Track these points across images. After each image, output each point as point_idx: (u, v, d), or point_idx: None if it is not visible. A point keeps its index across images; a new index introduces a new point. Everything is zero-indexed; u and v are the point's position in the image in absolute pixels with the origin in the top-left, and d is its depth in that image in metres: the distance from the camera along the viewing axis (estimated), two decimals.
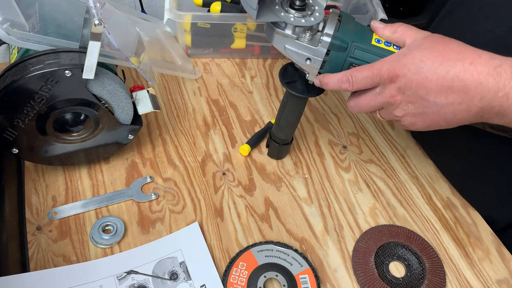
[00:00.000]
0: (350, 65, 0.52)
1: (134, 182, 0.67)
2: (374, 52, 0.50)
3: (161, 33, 0.86)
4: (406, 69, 0.47)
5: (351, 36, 0.51)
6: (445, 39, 0.47)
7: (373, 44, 0.51)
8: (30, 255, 0.58)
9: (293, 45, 0.53)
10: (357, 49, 0.51)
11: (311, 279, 0.58)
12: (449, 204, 0.69)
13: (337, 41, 0.51)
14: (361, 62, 0.51)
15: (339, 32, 0.51)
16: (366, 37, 0.51)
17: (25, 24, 0.56)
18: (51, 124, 0.59)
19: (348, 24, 0.52)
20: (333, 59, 0.52)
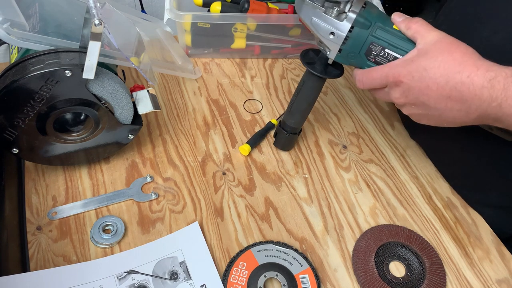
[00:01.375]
0: (371, 44, 0.54)
1: (134, 182, 0.67)
2: (394, 34, 0.54)
3: (161, 33, 0.86)
4: (410, 76, 0.51)
5: (374, 17, 0.54)
6: (452, 46, 0.49)
7: (394, 28, 0.54)
8: (30, 255, 0.58)
9: (320, 18, 0.55)
10: (379, 29, 0.54)
11: (311, 279, 0.58)
12: (449, 204, 0.69)
13: (362, 18, 0.54)
14: (381, 42, 0.54)
15: (364, 12, 0.54)
16: (388, 21, 0.55)
17: (25, 24, 0.56)
18: (51, 124, 0.59)
19: (372, 8, 0.55)
20: (356, 35, 0.55)
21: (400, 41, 0.54)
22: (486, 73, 0.47)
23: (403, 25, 0.53)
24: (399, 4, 1.52)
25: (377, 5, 0.82)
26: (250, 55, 0.90)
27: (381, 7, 0.82)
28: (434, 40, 0.50)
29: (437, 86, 0.49)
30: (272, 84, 0.85)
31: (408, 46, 0.53)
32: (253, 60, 0.90)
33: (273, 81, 0.86)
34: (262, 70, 0.88)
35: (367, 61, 0.56)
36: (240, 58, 0.90)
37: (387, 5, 1.51)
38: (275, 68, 0.89)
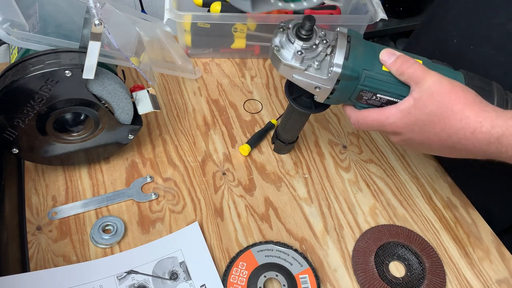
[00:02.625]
0: (361, 92, 0.51)
1: (134, 182, 0.67)
2: (385, 79, 0.49)
3: (161, 33, 0.86)
4: (409, 128, 0.49)
5: (361, 64, 0.49)
6: (452, 97, 0.46)
7: (384, 71, 0.49)
8: (30, 255, 0.58)
9: (302, 75, 0.51)
10: (368, 77, 0.49)
11: (311, 279, 0.58)
12: (449, 204, 0.69)
13: (348, 71, 0.49)
14: (371, 89, 0.50)
15: (349, 61, 0.49)
16: (376, 63, 0.50)
17: (25, 24, 0.56)
18: (51, 124, 0.59)
19: (357, 47, 0.50)
20: (343, 87, 0.51)
21: (393, 86, 0.50)
22: (492, 129, 0.44)
23: (394, 69, 0.49)
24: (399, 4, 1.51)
25: (377, 5, 0.82)
26: (250, 55, 0.90)
27: (381, 7, 0.82)
28: (431, 90, 0.47)
29: (438, 139, 0.48)
30: (272, 84, 0.85)
31: (402, 90, 0.49)
32: (253, 60, 0.90)
33: (273, 81, 0.86)
34: (262, 70, 0.88)
35: (359, 103, 0.53)
36: (240, 58, 0.90)
37: (387, 5, 1.50)
38: (275, 68, 0.89)
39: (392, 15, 1.48)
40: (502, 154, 0.45)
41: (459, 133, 0.46)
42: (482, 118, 0.45)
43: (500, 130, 0.44)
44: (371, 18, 0.81)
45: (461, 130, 0.46)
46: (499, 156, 0.46)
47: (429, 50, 0.72)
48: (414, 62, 0.48)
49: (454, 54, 0.67)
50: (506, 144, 0.44)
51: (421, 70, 0.47)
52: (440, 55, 0.69)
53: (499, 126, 0.44)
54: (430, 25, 0.74)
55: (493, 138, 0.44)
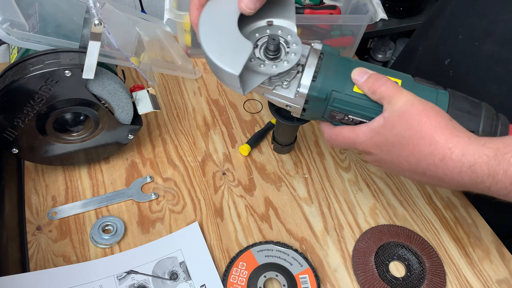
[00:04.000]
0: (331, 112, 0.49)
1: (134, 182, 0.67)
2: (355, 104, 0.48)
3: (161, 33, 0.85)
4: (379, 149, 0.47)
5: (330, 85, 0.48)
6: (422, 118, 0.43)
7: (355, 92, 0.48)
8: (30, 255, 0.58)
9: (271, 94, 0.50)
10: (337, 99, 0.48)
11: (311, 279, 0.58)
12: (449, 204, 0.69)
13: (315, 92, 0.48)
14: (342, 109, 0.49)
15: (316, 82, 0.48)
16: (347, 83, 0.48)
17: (25, 24, 0.56)
18: (51, 124, 0.59)
19: (329, 67, 0.48)
20: (313, 107, 0.50)
21: (365, 108, 0.48)
22: (463, 157, 0.41)
23: (366, 88, 0.46)
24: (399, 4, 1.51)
25: (377, 5, 0.82)
26: None
27: (381, 7, 0.82)
28: (401, 110, 0.44)
29: (408, 163, 0.45)
30: None
31: (374, 112, 0.48)
32: None
33: None
34: None
35: (333, 121, 0.51)
36: None
37: (387, 5, 1.50)
38: None
39: (392, 15, 1.48)
40: (478, 184, 0.41)
41: (428, 158, 0.43)
42: (453, 144, 0.42)
43: (472, 158, 0.41)
44: (371, 18, 0.81)
45: (430, 155, 0.43)
46: (476, 187, 0.42)
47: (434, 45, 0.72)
48: (387, 80, 0.46)
49: (459, 51, 0.67)
50: (480, 174, 0.41)
51: (393, 88, 0.45)
52: (445, 51, 0.69)
53: (471, 153, 0.41)
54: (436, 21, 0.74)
55: (465, 167, 0.41)
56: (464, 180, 0.42)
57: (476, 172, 0.41)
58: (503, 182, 0.40)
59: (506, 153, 0.39)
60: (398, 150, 0.45)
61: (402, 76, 0.49)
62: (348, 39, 0.89)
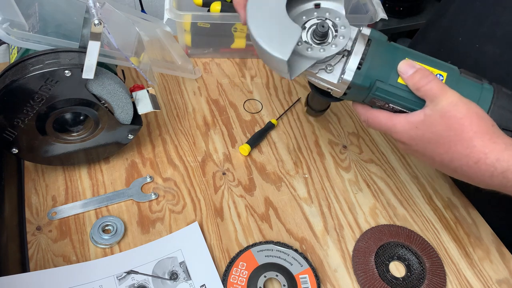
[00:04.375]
0: (373, 99, 0.49)
1: (134, 182, 0.67)
2: (399, 91, 0.48)
3: (161, 33, 0.85)
4: (414, 142, 0.48)
5: (375, 74, 0.47)
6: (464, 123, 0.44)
7: (399, 83, 0.47)
8: (30, 255, 0.58)
9: (313, 77, 0.50)
10: (380, 88, 0.48)
11: (311, 279, 0.58)
12: (449, 204, 0.69)
13: (358, 80, 0.47)
14: (384, 98, 0.49)
15: (362, 70, 0.47)
16: (392, 73, 0.47)
17: (25, 24, 0.56)
18: (51, 124, 0.59)
19: (375, 54, 0.47)
20: (354, 93, 0.49)
21: (407, 100, 0.48)
22: (496, 162, 0.43)
23: (411, 83, 0.46)
24: (399, 4, 1.51)
25: (377, 5, 0.82)
26: (250, 55, 0.90)
27: (381, 7, 0.82)
28: (444, 110, 0.45)
29: (441, 160, 0.46)
30: (272, 84, 0.85)
31: (416, 105, 0.48)
32: (253, 60, 0.90)
33: (273, 81, 0.86)
34: (262, 70, 0.88)
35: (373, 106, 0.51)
36: (240, 58, 0.90)
37: (387, 5, 1.50)
38: None
39: (392, 15, 1.48)
40: (507, 188, 0.44)
41: (463, 160, 0.44)
42: (489, 150, 0.43)
43: (506, 164, 0.42)
44: (371, 18, 0.81)
45: (465, 157, 0.44)
46: (504, 189, 0.44)
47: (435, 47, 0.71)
48: (433, 78, 0.46)
49: (459, 53, 0.67)
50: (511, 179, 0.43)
51: (438, 88, 0.45)
52: (445, 53, 0.69)
53: (505, 160, 0.42)
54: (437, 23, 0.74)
55: (497, 172, 0.43)
56: (494, 183, 0.44)
57: (508, 177, 0.43)
58: None
59: None
60: (434, 146, 0.46)
61: (448, 69, 0.48)
62: None
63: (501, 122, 0.45)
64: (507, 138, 0.44)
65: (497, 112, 0.46)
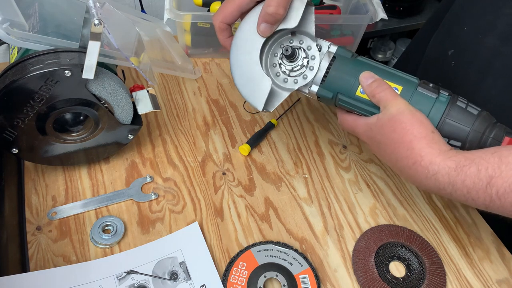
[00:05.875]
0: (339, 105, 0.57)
1: (134, 182, 0.67)
2: (356, 106, 0.55)
3: (161, 33, 0.85)
4: (371, 141, 0.54)
5: (336, 88, 0.55)
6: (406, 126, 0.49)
7: (357, 95, 0.54)
8: (30, 255, 0.58)
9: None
10: (341, 99, 0.55)
11: (311, 279, 0.58)
12: (449, 204, 0.69)
13: (322, 92, 0.55)
14: (347, 106, 0.56)
15: (324, 85, 0.55)
16: (352, 87, 0.54)
17: (25, 24, 0.56)
18: (51, 124, 0.59)
19: (337, 70, 0.55)
20: (323, 100, 0.57)
21: (365, 107, 0.54)
22: (429, 165, 0.47)
23: (369, 90, 0.53)
24: (399, 4, 1.51)
25: (377, 5, 0.82)
26: None
27: (381, 7, 0.82)
28: (391, 115, 0.50)
29: (390, 159, 0.52)
30: None
31: (373, 110, 0.54)
32: None
33: None
34: None
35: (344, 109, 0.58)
36: None
37: (387, 5, 1.50)
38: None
39: (392, 15, 1.48)
40: (441, 190, 0.48)
41: (404, 160, 0.49)
42: (424, 153, 0.47)
43: (437, 167, 0.47)
44: (371, 18, 0.81)
45: (405, 158, 0.49)
46: (439, 192, 0.48)
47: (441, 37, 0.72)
48: (387, 87, 0.52)
49: (462, 42, 0.68)
50: (442, 182, 0.47)
51: (391, 95, 0.51)
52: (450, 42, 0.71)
53: (436, 163, 0.47)
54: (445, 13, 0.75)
55: (430, 174, 0.47)
56: (430, 185, 0.48)
57: (439, 180, 0.47)
58: (461, 190, 0.46)
59: (464, 165, 0.45)
60: (384, 147, 0.52)
61: (406, 82, 0.54)
62: (348, 39, 0.89)
63: (450, 133, 0.51)
64: (443, 145, 0.48)
65: (447, 123, 0.51)
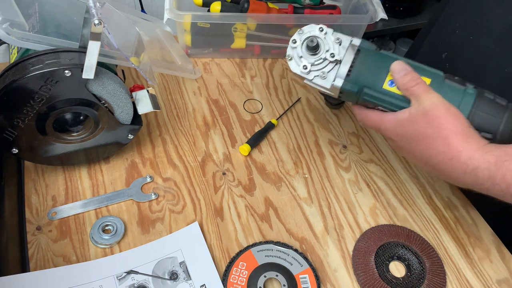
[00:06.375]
0: (363, 101, 0.54)
1: (134, 182, 0.67)
2: (382, 100, 0.52)
3: (161, 33, 0.85)
4: (399, 138, 0.52)
5: (363, 81, 0.52)
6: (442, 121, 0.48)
7: (384, 89, 0.52)
8: (30, 255, 0.58)
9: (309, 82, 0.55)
10: (367, 93, 0.52)
11: (311, 279, 0.58)
12: (449, 204, 0.69)
13: (347, 87, 0.53)
14: (373, 101, 0.53)
15: (350, 77, 0.53)
16: (378, 80, 0.52)
17: (25, 24, 0.56)
18: (51, 124, 0.59)
19: (364, 63, 0.53)
20: (346, 97, 0.55)
21: (393, 100, 0.52)
22: (468, 161, 0.46)
23: (402, 83, 0.51)
24: (399, 4, 1.51)
25: (377, 5, 0.82)
26: (250, 55, 0.90)
27: (381, 6, 0.82)
28: (426, 109, 0.49)
29: (422, 156, 0.50)
30: (272, 84, 0.85)
31: (402, 104, 0.52)
32: (253, 60, 0.90)
33: (273, 81, 0.86)
34: (262, 70, 0.88)
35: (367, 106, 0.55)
36: (240, 58, 0.90)
37: (387, 5, 1.50)
38: (275, 68, 0.89)
39: (392, 15, 1.48)
40: (479, 185, 0.47)
41: (439, 156, 0.48)
42: (463, 148, 0.46)
43: (476, 162, 0.46)
44: (371, 18, 0.81)
45: (441, 154, 0.48)
46: (476, 187, 0.47)
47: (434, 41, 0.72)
48: (421, 81, 0.50)
49: (455, 45, 0.68)
50: (481, 177, 0.46)
51: (424, 89, 0.49)
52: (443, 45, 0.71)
53: (475, 158, 0.46)
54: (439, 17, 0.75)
55: (469, 169, 0.46)
56: (467, 180, 0.47)
57: (478, 175, 0.46)
58: (499, 185, 0.45)
59: (505, 160, 0.44)
60: (416, 143, 0.50)
61: (433, 75, 0.52)
62: None
63: (481, 125, 0.49)
64: (480, 139, 0.47)
65: (477, 115, 0.49)
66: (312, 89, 0.81)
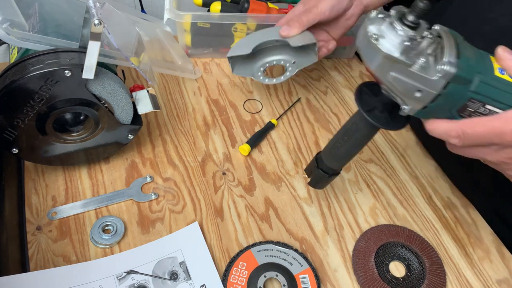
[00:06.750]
0: (469, 101, 0.41)
1: (134, 182, 0.67)
2: (501, 85, 0.41)
3: (161, 33, 0.86)
4: None
5: (475, 66, 0.40)
6: None
7: (497, 76, 0.41)
8: (30, 255, 0.58)
9: (403, 73, 0.41)
10: (482, 82, 0.40)
11: (311, 279, 0.58)
12: (449, 204, 0.69)
13: (462, 72, 0.39)
14: (483, 98, 0.41)
15: (461, 60, 0.40)
16: (488, 66, 0.41)
17: (25, 24, 0.56)
18: (51, 124, 0.59)
19: (467, 49, 0.41)
20: (451, 92, 0.41)
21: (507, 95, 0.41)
22: None
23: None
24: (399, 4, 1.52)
25: None
26: None
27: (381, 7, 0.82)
28: None
29: None
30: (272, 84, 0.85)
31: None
32: None
33: None
34: None
35: (457, 116, 0.43)
36: None
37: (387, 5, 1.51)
38: (275, 68, 0.89)
39: None
40: None
41: None
42: None
43: None
44: None
45: None
46: None
47: None
48: None
49: None
50: None
51: None
52: None
53: None
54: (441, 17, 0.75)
55: None
56: None
57: None
58: None
59: None
60: None
61: None
62: (348, 39, 0.89)
63: None
64: None
65: None
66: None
